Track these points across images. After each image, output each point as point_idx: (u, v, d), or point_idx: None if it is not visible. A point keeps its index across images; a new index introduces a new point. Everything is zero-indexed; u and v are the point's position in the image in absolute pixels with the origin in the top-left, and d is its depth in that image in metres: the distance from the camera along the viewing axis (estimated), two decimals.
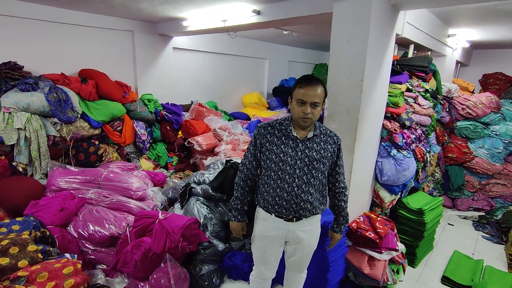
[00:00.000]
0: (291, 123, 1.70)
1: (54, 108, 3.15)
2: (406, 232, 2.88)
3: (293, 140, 1.67)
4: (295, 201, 1.68)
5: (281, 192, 1.68)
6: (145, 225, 2.44)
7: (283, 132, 1.70)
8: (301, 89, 1.58)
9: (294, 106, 1.62)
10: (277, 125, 1.72)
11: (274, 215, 1.74)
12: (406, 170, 2.62)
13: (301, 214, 1.71)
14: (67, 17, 3.58)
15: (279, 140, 1.69)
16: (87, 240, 2.58)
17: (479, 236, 3.60)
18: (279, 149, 1.67)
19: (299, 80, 1.62)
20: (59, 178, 2.97)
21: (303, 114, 1.58)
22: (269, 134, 1.71)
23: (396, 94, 2.64)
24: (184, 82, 5.20)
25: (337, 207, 1.85)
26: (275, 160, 1.68)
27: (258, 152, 1.75)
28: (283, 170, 1.67)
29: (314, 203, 1.72)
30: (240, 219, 1.87)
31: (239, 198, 1.85)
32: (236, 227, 1.90)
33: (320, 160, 1.68)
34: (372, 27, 2.06)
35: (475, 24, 3.75)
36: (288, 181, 1.66)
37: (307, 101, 1.57)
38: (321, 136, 1.71)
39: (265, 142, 1.71)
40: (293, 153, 1.66)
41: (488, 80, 5.59)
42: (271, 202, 1.72)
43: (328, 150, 1.71)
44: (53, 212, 2.59)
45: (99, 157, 3.61)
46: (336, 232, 1.88)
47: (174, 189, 3.39)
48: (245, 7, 3.14)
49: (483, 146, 4.08)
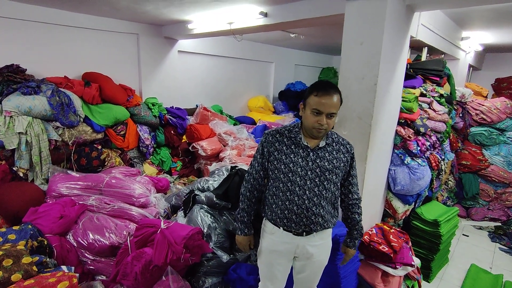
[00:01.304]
0: (301, 130, 1.59)
1: (56, 112, 3.09)
2: (420, 245, 2.73)
3: (304, 149, 1.56)
4: (305, 214, 1.56)
5: (290, 205, 1.57)
6: (147, 234, 2.34)
7: (292, 140, 1.58)
8: (318, 97, 1.44)
9: (308, 115, 1.48)
10: (286, 133, 1.61)
11: (282, 228, 1.62)
12: (420, 179, 2.49)
13: (311, 229, 1.59)
14: (70, 20, 3.53)
15: (289, 149, 1.57)
16: (87, 249, 2.48)
17: (496, 248, 3.42)
18: (288, 159, 1.56)
19: (315, 87, 1.48)
20: (60, 184, 2.90)
21: (318, 124, 1.46)
22: (278, 142, 1.60)
23: (410, 99, 2.51)
24: (189, 85, 5.13)
25: (351, 220, 1.72)
26: (284, 170, 1.56)
27: (265, 161, 1.64)
28: (293, 181, 1.55)
29: (326, 216, 1.60)
30: (247, 233, 1.76)
31: (245, 210, 1.73)
32: (242, 241, 1.78)
33: (333, 171, 1.56)
34: (387, 29, 1.94)
35: (490, 26, 3.62)
36: (298, 193, 1.55)
37: (324, 111, 1.44)
38: (333, 144, 1.59)
39: (273, 151, 1.59)
40: (304, 163, 1.54)
41: (501, 84, 5.41)
42: (280, 215, 1.60)
43: (341, 159, 1.59)
44: (53, 219, 2.51)
45: (102, 162, 3.54)
46: (349, 247, 1.75)
47: (178, 196, 3.30)
48: (252, 9, 3.05)
49: (499, 153, 3.91)
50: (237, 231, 1.77)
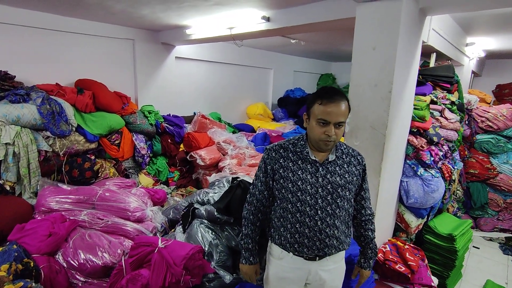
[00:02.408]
0: (307, 143, 1.42)
1: (47, 121, 2.91)
2: (434, 261, 2.58)
3: (312, 164, 1.39)
4: (318, 237, 1.39)
5: (301, 228, 1.40)
6: (143, 254, 2.16)
7: (298, 155, 1.41)
8: (323, 106, 1.29)
9: (314, 126, 1.33)
10: (291, 147, 1.44)
11: (292, 253, 1.46)
12: (435, 192, 2.35)
13: (325, 252, 1.42)
14: (63, 25, 3.37)
15: (295, 165, 1.40)
16: (77, 270, 2.29)
17: (509, 261, 3.29)
18: (296, 176, 1.39)
19: (319, 94, 1.32)
20: (50, 198, 2.72)
21: (325, 136, 1.31)
22: (282, 158, 1.43)
23: (422, 107, 2.39)
24: (187, 92, 4.98)
25: (364, 237, 1.58)
26: (292, 189, 1.40)
27: (270, 179, 1.47)
28: (303, 201, 1.38)
29: (341, 237, 1.44)
30: (253, 261, 1.57)
31: (249, 236, 1.55)
32: (248, 271, 1.59)
33: (345, 186, 1.40)
34: (401, 33, 1.82)
35: (494, 32, 3.56)
36: (310, 214, 1.38)
37: (331, 121, 1.29)
38: (343, 157, 1.43)
39: (278, 168, 1.43)
40: (313, 180, 1.38)
41: (503, 91, 5.37)
42: (290, 240, 1.43)
43: (353, 173, 1.43)
44: (41, 238, 2.32)
45: (95, 173, 3.35)
46: (364, 268, 1.59)
47: (176, 209, 3.12)
48: (254, 14, 2.93)
49: (508, 162, 3.80)
50: (241, 259, 1.58)
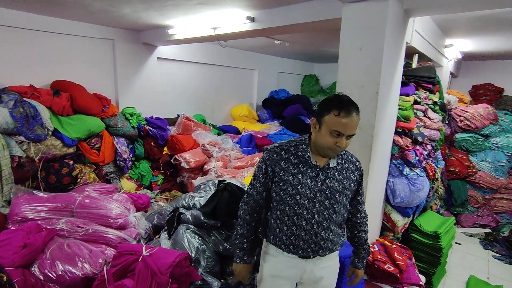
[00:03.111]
0: (309, 147, 1.41)
1: (20, 125, 2.75)
2: (420, 258, 2.62)
3: (312, 169, 1.39)
4: (314, 240, 1.40)
5: (297, 231, 1.40)
6: (126, 263, 2.06)
7: (299, 159, 1.41)
8: (339, 117, 1.25)
9: (326, 135, 1.30)
10: (292, 149, 1.43)
11: (287, 252, 1.46)
12: (420, 191, 2.38)
13: (319, 254, 1.44)
14: (37, 23, 3.20)
15: (296, 168, 1.39)
16: (55, 282, 2.16)
17: (489, 256, 3.40)
18: (296, 180, 1.38)
19: (334, 105, 1.27)
20: (24, 206, 2.56)
21: (335, 146, 1.30)
22: (284, 160, 1.41)
23: (406, 107, 2.42)
24: (170, 94, 4.87)
25: (358, 238, 1.60)
26: (291, 192, 1.38)
27: (269, 181, 1.45)
28: (301, 205, 1.38)
29: (335, 239, 1.46)
30: (246, 261, 1.55)
31: (244, 235, 1.53)
32: (242, 270, 1.57)
33: (343, 192, 1.41)
34: (387, 34, 1.83)
35: (472, 34, 3.67)
36: (307, 218, 1.38)
37: (345, 133, 1.27)
38: (342, 163, 1.45)
39: (278, 171, 1.41)
40: (313, 184, 1.38)
41: (478, 91, 5.60)
42: (285, 241, 1.43)
43: (351, 179, 1.44)
44: (14, 249, 2.18)
45: (74, 179, 3.20)
46: (358, 268, 1.62)
47: (160, 214, 3.02)
48: (238, 14, 2.89)
49: (486, 159, 3.94)
50: (235, 259, 1.56)
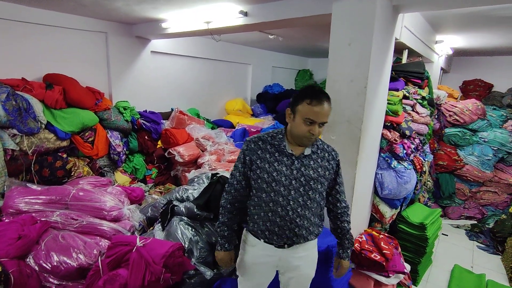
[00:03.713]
0: (285, 137, 1.48)
1: (13, 118, 2.75)
2: (407, 248, 2.71)
3: (288, 157, 1.46)
4: (288, 226, 1.46)
5: (273, 217, 1.46)
6: (121, 254, 2.11)
7: (276, 148, 1.48)
8: (311, 106, 1.34)
9: (300, 124, 1.38)
10: (269, 139, 1.50)
11: (263, 241, 1.52)
12: (407, 183, 2.46)
13: (294, 241, 1.50)
14: (29, 16, 3.18)
15: (272, 157, 1.46)
16: (50, 273, 2.20)
17: (474, 247, 3.51)
18: (272, 167, 1.45)
19: (307, 94, 1.37)
20: (18, 199, 2.58)
21: (310, 134, 1.38)
22: (261, 149, 1.48)
23: (395, 101, 2.48)
24: (164, 88, 4.87)
25: (340, 229, 1.64)
26: (267, 179, 1.45)
27: (247, 170, 1.52)
28: (276, 191, 1.45)
29: (310, 228, 1.51)
30: (228, 248, 1.61)
31: (226, 223, 1.59)
32: (223, 257, 1.63)
33: (318, 179, 1.48)
34: (376, 29, 1.88)
35: (462, 30, 3.73)
36: (282, 204, 1.45)
37: (317, 121, 1.36)
38: (318, 152, 1.51)
39: (255, 159, 1.48)
40: (288, 172, 1.44)
41: (468, 86, 5.69)
42: (262, 228, 1.50)
43: (326, 167, 1.51)
44: (9, 241, 2.20)
45: (67, 172, 3.21)
46: (343, 258, 1.65)
47: (154, 207, 3.06)
48: (231, 8, 2.90)
49: (473, 153, 4.04)
50: (217, 246, 1.63)
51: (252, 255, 1.59)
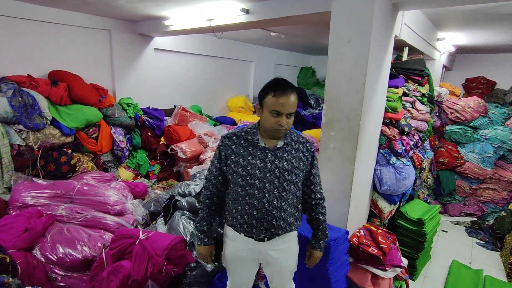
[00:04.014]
0: (258, 131, 1.52)
1: (19, 114, 2.81)
2: (405, 244, 2.75)
3: (262, 151, 1.50)
4: (266, 218, 1.49)
5: (250, 210, 1.50)
6: (124, 246, 2.17)
7: (249, 142, 1.51)
8: (276, 98, 1.39)
9: (267, 116, 1.42)
10: (243, 134, 1.54)
11: (243, 234, 1.56)
12: (406, 179, 2.49)
13: (273, 233, 1.53)
14: (35, 14, 3.23)
15: (246, 151, 1.50)
16: (56, 264, 2.27)
17: (473, 243, 3.54)
18: (246, 161, 1.49)
19: (271, 87, 1.42)
20: (25, 193, 2.65)
21: (278, 126, 1.41)
22: (235, 144, 1.52)
23: (394, 98, 2.50)
24: (166, 85, 4.92)
25: (315, 220, 1.67)
26: (242, 173, 1.49)
27: (223, 165, 1.55)
28: (252, 185, 1.48)
29: (288, 219, 1.54)
30: (207, 242, 1.66)
31: (205, 219, 1.63)
32: (203, 251, 1.67)
33: (292, 171, 1.50)
34: (374, 27, 1.90)
35: (463, 28, 3.72)
36: (258, 197, 1.48)
37: (283, 112, 1.39)
38: (292, 144, 1.54)
39: (230, 154, 1.52)
40: (262, 165, 1.48)
41: (471, 84, 5.68)
42: (240, 221, 1.54)
43: (301, 159, 1.54)
44: (16, 233, 2.27)
45: (72, 167, 3.28)
46: (315, 248, 1.68)
47: (157, 202, 3.13)
48: (233, 6, 2.93)
49: (474, 151, 4.06)
50: (197, 241, 1.67)
51: (233, 249, 1.62)
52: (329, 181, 2.23)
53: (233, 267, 1.69)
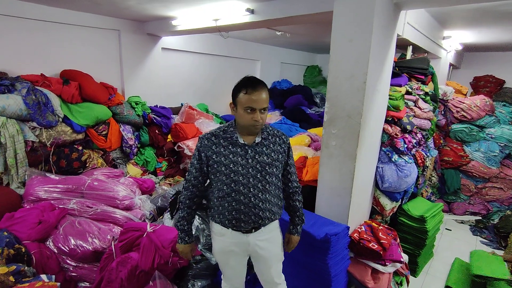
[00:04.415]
0: (236, 129, 1.58)
1: (33, 112, 2.93)
2: (407, 240, 2.78)
3: (241, 148, 1.56)
4: (253, 212, 1.57)
5: (237, 205, 1.56)
6: (132, 238, 2.26)
7: (229, 141, 1.57)
8: (248, 95, 1.46)
9: (242, 113, 1.49)
10: (221, 134, 1.59)
11: (231, 229, 1.62)
12: (408, 176, 2.52)
13: (260, 224, 1.61)
14: (47, 14, 3.35)
15: (226, 150, 1.56)
16: (68, 255, 2.38)
17: (477, 242, 3.54)
18: (227, 160, 1.55)
19: (242, 85, 1.49)
20: (38, 187, 2.76)
21: (253, 121, 1.48)
22: (214, 144, 1.57)
23: (396, 97, 2.53)
24: (174, 84, 5.01)
25: (292, 207, 1.78)
26: (225, 172, 1.55)
27: (204, 165, 1.60)
28: (236, 181, 1.55)
29: (273, 209, 1.64)
30: (188, 241, 1.72)
31: (185, 218, 1.69)
32: (184, 249, 1.73)
33: (272, 164, 1.59)
34: (375, 27, 1.94)
35: (470, 26, 3.71)
36: (243, 192, 1.55)
37: (257, 107, 1.46)
38: (269, 138, 1.62)
39: (211, 155, 1.57)
40: (244, 161, 1.55)
41: (479, 82, 5.62)
42: (228, 217, 1.59)
43: (278, 151, 1.62)
44: (30, 225, 2.39)
45: (83, 163, 3.40)
46: (293, 233, 1.78)
47: (164, 197, 3.22)
48: (238, 6, 2.99)
49: (479, 150, 4.04)
50: (178, 239, 1.72)
51: (222, 244, 1.68)
52: (331, 177, 2.29)
53: (224, 261, 1.74)
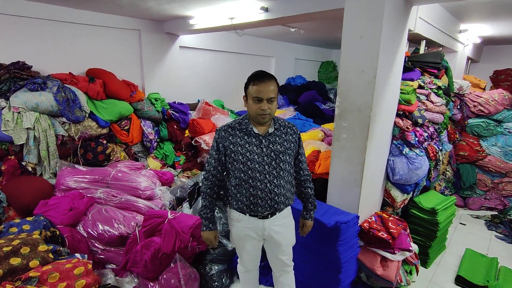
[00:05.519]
0: (250, 121, 1.71)
1: (63, 108, 3.16)
2: (418, 232, 2.83)
3: (256, 138, 1.69)
4: (269, 196, 1.70)
5: (254, 191, 1.69)
6: (154, 224, 2.44)
7: (244, 132, 1.70)
8: (256, 86, 1.59)
9: (251, 104, 1.63)
10: (237, 125, 1.73)
11: (248, 215, 1.75)
12: (418, 169, 2.57)
13: (276, 209, 1.73)
14: (74, 17, 3.58)
15: (242, 140, 1.69)
16: (97, 239, 2.58)
17: (492, 236, 3.52)
18: (244, 149, 1.68)
19: (251, 78, 1.64)
20: (68, 178, 2.98)
21: (261, 111, 1.61)
22: (231, 136, 1.71)
23: (408, 91, 2.58)
24: (191, 81, 5.19)
25: (304, 194, 1.90)
26: (242, 160, 1.68)
27: (222, 156, 1.73)
28: (253, 169, 1.67)
29: (287, 194, 1.76)
30: (212, 228, 1.83)
31: (208, 207, 1.81)
32: (209, 236, 1.84)
33: (285, 152, 1.71)
34: (386, 22, 2.00)
35: (488, 19, 3.65)
36: (260, 178, 1.68)
37: (263, 97, 1.59)
38: (281, 128, 1.74)
39: (228, 145, 1.70)
40: (259, 150, 1.68)
41: (499, 76, 5.47)
42: (246, 203, 1.72)
43: (290, 140, 1.75)
44: (63, 211, 2.60)
45: (107, 156, 3.62)
46: (306, 219, 1.92)
47: (182, 188, 3.39)
48: (253, 4, 3.10)
49: (496, 144, 3.99)
50: (202, 227, 1.84)
51: (239, 230, 1.80)
52: (342, 169, 2.37)
53: (241, 245, 1.87)
